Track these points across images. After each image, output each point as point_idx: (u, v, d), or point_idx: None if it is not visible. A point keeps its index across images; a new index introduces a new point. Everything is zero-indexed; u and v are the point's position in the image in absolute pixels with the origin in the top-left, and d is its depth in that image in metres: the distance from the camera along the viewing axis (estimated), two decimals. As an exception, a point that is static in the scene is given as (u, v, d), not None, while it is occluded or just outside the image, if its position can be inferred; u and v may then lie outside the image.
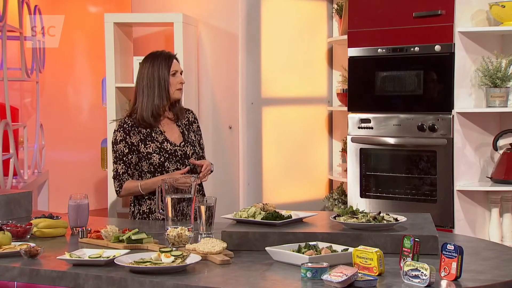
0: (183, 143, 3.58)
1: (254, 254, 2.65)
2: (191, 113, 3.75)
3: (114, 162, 3.53)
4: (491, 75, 4.38)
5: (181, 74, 3.62)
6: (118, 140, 3.52)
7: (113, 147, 3.54)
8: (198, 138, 3.71)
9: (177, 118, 3.64)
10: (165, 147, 3.53)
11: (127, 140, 3.52)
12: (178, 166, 3.53)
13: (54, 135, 6.61)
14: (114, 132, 3.57)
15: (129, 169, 3.52)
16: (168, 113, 3.63)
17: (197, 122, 3.76)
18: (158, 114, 3.55)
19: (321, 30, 5.48)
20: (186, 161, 3.55)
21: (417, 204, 4.53)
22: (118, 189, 3.53)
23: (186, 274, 2.38)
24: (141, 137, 3.53)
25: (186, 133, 3.63)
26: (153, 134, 3.55)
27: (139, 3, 5.61)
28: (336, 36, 5.40)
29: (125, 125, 3.54)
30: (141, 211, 3.57)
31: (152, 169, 3.52)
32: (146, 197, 3.55)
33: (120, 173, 3.51)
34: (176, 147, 3.55)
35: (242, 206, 4.90)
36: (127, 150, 3.51)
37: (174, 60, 3.61)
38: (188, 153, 3.57)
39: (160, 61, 3.57)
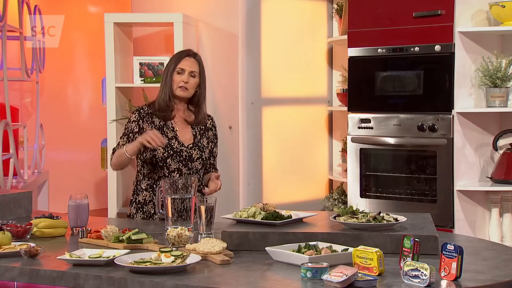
0: (191, 145, 3.58)
1: (254, 254, 2.65)
2: (210, 120, 3.72)
3: (120, 137, 3.57)
4: (491, 75, 4.38)
5: (191, 74, 3.56)
6: (131, 120, 3.56)
7: (125, 125, 3.58)
8: (212, 146, 3.69)
9: (196, 123, 3.62)
10: (172, 144, 3.53)
11: (139, 123, 3.54)
12: (180, 167, 3.52)
13: (54, 135, 6.62)
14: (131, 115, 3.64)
15: None
16: (186, 115, 3.62)
17: (214, 130, 3.72)
18: (166, 106, 3.55)
19: (321, 30, 5.48)
20: (190, 163, 3.54)
21: (417, 204, 4.53)
22: (111, 157, 3.55)
23: (186, 274, 2.38)
24: (153, 127, 3.54)
25: (199, 137, 3.62)
26: (164, 129, 3.55)
27: (139, 3, 5.61)
28: (336, 36, 5.40)
29: (141, 110, 3.58)
30: (137, 200, 3.58)
31: (154, 161, 3.52)
32: (144, 187, 3.56)
33: (120, 144, 3.53)
34: (183, 147, 3.55)
35: (242, 206, 4.90)
36: (136, 130, 3.52)
37: (187, 58, 3.58)
38: (194, 156, 3.56)
39: (173, 57, 3.62)
